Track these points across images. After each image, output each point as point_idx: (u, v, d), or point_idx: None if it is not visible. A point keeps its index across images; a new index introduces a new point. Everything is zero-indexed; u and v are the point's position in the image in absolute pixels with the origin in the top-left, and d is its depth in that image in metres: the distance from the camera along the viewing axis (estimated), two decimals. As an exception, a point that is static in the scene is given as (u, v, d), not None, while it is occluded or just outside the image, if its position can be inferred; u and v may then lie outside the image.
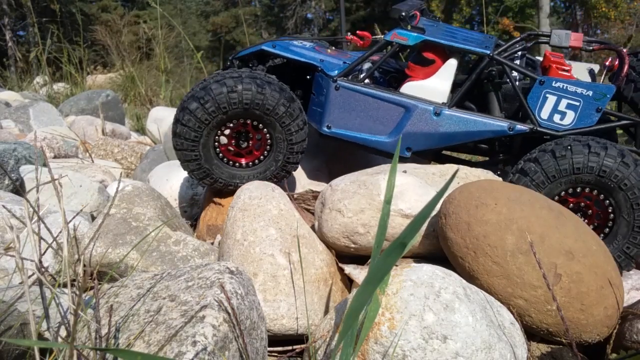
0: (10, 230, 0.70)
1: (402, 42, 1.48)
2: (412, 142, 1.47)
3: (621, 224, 1.25)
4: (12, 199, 1.55)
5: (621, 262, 1.25)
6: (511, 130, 1.40)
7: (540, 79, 1.38)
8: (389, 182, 0.69)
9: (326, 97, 1.52)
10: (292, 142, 1.47)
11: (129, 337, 0.76)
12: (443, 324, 0.80)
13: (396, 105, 1.46)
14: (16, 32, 11.99)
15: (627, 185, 1.22)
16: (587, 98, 1.35)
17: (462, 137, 1.43)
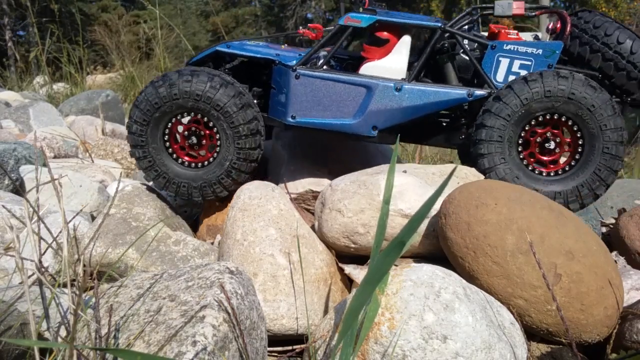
0: (10, 230, 0.70)
1: (355, 25, 1.50)
2: (377, 120, 1.47)
3: (589, 148, 1.31)
4: (12, 199, 1.55)
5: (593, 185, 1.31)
6: (470, 97, 1.43)
7: (492, 44, 1.43)
8: (388, 181, 0.69)
9: (287, 88, 1.51)
10: (239, 147, 1.43)
11: (129, 337, 0.75)
12: (443, 324, 0.80)
13: (357, 86, 1.47)
14: (16, 32, 11.99)
15: (594, 107, 1.28)
16: (537, 57, 1.40)
17: (424, 108, 1.45)
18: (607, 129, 1.30)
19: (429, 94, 1.44)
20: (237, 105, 1.41)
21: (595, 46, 1.43)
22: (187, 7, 18.86)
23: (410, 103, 1.45)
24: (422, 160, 2.76)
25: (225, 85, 1.42)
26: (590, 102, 1.29)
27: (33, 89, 4.60)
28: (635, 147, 3.39)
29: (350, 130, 1.50)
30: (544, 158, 1.37)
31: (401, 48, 1.51)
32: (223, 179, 1.46)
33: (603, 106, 1.29)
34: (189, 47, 4.17)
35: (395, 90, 1.45)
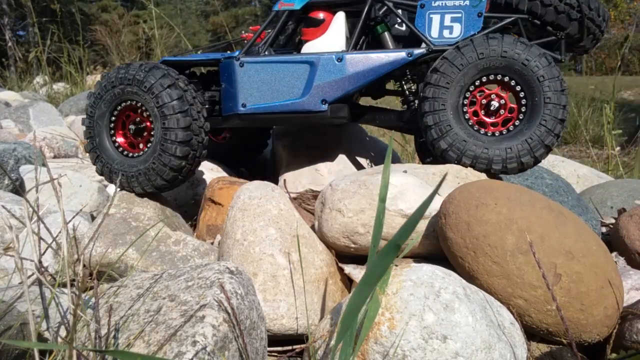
0: (9, 230, 0.70)
1: (289, 8, 1.56)
2: (324, 93, 1.50)
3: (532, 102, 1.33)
4: (11, 199, 1.55)
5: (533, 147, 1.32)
6: (410, 56, 1.46)
7: (421, 3, 1.48)
8: (383, 179, 0.68)
9: (234, 79, 1.55)
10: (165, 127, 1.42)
11: (128, 337, 0.75)
12: (443, 324, 0.80)
13: (301, 64, 1.51)
14: (16, 32, 11.99)
15: (528, 61, 1.31)
16: (466, 7, 1.44)
17: (368, 74, 1.48)
18: (544, 80, 1.31)
19: (370, 58, 1.47)
20: (164, 85, 1.43)
21: None
22: (187, 7, 18.86)
23: (353, 71, 1.48)
24: (422, 160, 2.75)
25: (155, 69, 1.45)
26: (540, 73, 1.31)
27: (33, 88, 4.60)
28: (635, 147, 3.39)
29: (302, 108, 1.52)
30: (490, 119, 1.39)
31: (336, 25, 1.57)
32: (155, 164, 1.44)
33: (536, 59, 1.31)
34: (189, 47, 4.17)
35: (337, 61, 1.48)
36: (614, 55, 15.95)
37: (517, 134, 1.35)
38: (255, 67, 1.54)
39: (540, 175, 1.54)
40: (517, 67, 1.32)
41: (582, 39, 1.47)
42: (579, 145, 4.12)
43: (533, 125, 1.33)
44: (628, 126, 4.17)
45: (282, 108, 1.53)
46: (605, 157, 3.26)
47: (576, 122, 4.16)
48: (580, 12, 1.42)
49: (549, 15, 1.43)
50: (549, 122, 1.32)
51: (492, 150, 1.36)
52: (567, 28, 1.44)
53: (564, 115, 1.33)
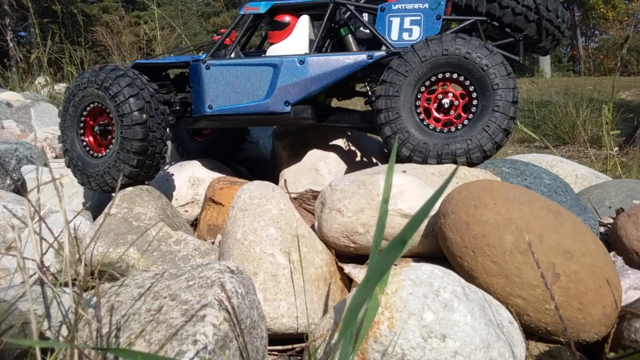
0: (11, 230, 0.71)
1: (254, 12, 1.62)
2: (287, 95, 1.54)
3: (481, 107, 1.36)
4: (13, 199, 1.56)
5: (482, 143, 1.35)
6: (370, 59, 1.49)
7: (381, 6, 1.50)
8: (387, 181, 0.69)
9: (201, 81, 1.60)
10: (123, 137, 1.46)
11: (130, 336, 0.76)
12: (442, 323, 0.80)
13: (265, 66, 1.55)
14: (17, 33, 12.00)
15: (487, 67, 1.34)
16: (425, 10, 1.48)
17: (329, 76, 1.51)
18: (499, 89, 1.34)
19: (331, 61, 1.51)
20: (126, 94, 1.46)
21: None
22: (188, 8, 18.88)
23: (315, 73, 1.52)
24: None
25: (123, 76, 1.48)
26: (484, 63, 1.34)
27: (34, 89, 4.61)
28: (633, 147, 3.39)
29: (265, 110, 1.56)
30: (440, 116, 1.42)
31: (300, 28, 1.61)
32: (110, 169, 1.49)
33: (497, 67, 1.34)
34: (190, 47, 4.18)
35: (299, 64, 1.52)
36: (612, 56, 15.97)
37: (462, 134, 1.38)
38: (221, 70, 1.58)
39: (538, 175, 1.55)
40: (460, 61, 1.35)
41: (541, 40, 1.49)
42: (578, 145, 4.12)
43: (477, 129, 1.36)
44: (626, 126, 4.17)
45: (246, 109, 1.57)
46: (603, 157, 3.27)
47: (574, 122, 4.17)
48: (538, 13, 1.43)
49: (507, 17, 1.45)
50: (492, 130, 1.35)
51: (453, 145, 1.38)
52: (525, 30, 1.45)
53: (509, 126, 1.35)
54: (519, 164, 1.62)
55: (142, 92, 1.48)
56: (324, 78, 1.51)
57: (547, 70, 14.80)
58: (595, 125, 4.09)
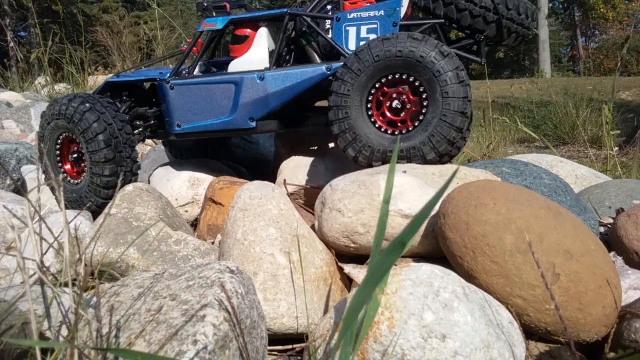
0: (11, 230, 0.71)
1: (212, 28, 1.62)
2: (250, 111, 1.54)
3: (430, 113, 1.33)
4: (13, 199, 1.56)
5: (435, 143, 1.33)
6: (329, 70, 1.47)
7: (337, 16, 1.49)
8: (388, 182, 0.69)
9: (167, 100, 1.62)
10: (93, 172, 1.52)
11: (129, 336, 0.76)
12: (442, 323, 0.80)
13: (227, 84, 1.56)
14: (17, 33, 12.00)
15: (440, 73, 1.30)
16: (381, 18, 1.45)
17: (290, 91, 1.51)
18: (448, 97, 1.31)
19: (291, 76, 1.50)
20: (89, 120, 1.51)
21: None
22: (187, 7, 18.89)
23: (275, 88, 1.52)
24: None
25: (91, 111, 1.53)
26: (436, 68, 1.30)
27: (34, 89, 4.61)
28: (633, 147, 3.39)
29: (231, 126, 1.58)
30: (392, 117, 1.41)
31: (259, 40, 1.61)
32: (89, 194, 1.57)
33: (449, 73, 1.30)
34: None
35: (259, 80, 1.53)
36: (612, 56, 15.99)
37: (409, 137, 1.36)
38: (185, 89, 1.59)
39: (538, 175, 1.55)
40: (414, 63, 1.32)
41: (504, 39, 1.46)
42: (578, 145, 4.12)
43: (423, 135, 1.34)
44: (626, 126, 4.18)
45: (213, 127, 1.59)
46: (603, 157, 3.27)
47: (574, 122, 4.17)
48: (497, 14, 1.40)
49: (465, 19, 1.42)
50: (435, 139, 1.32)
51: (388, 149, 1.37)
52: (485, 31, 1.43)
53: (453, 138, 1.33)
54: (519, 164, 1.62)
55: (102, 115, 1.52)
56: (284, 93, 1.51)
57: (547, 70, 14.81)
58: (595, 125, 4.09)
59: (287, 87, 1.50)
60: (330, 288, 1.14)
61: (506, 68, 23.09)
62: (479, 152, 3.15)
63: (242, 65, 1.60)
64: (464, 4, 1.41)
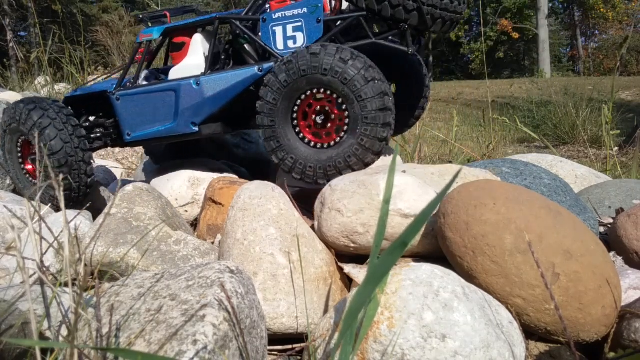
0: (11, 230, 0.71)
1: (149, 39, 1.69)
2: (191, 116, 1.59)
3: (352, 119, 1.35)
4: (13, 199, 1.56)
5: (359, 154, 1.36)
6: (261, 71, 1.50)
7: (263, 17, 1.50)
8: (388, 182, 0.69)
9: (116, 111, 1.69)
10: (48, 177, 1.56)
11: (129, 336, 0.76)
12: (442, 323, 0.80)
13: (166, 92, 1.61)
14: (17, 33, 12.00)
15: (347, 79, 1.31)
16: (305, 15, 1.46)
17: (225, 94, 1.54)
18: (362, 99, 1.32)
19: (224, 79, 1.53)
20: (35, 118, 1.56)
21: None
22: (187, 7, 18.83)
23: (211, 93, 1.55)
24: (421, 161, 2.77)
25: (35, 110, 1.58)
26: (343, 75, 1.32)
27: (34, 89, 4.60)
28: (633, 147, 3.39)
29: (176, 132, 1.62)
30: (317, 129, 1.43)
31: (195, 47, 1.66)
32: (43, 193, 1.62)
33: (356, 77, 1.31)
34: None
35: (195, 85, 1.56)
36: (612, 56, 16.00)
37: (339, 146, 1.38)
38: (129, 99, 1.65)
39: (538, 175, 1.55)
40: (338, 84, 1.33)
41: (429, 27, 1.44)
42: (577, 145, 4.13)
43: (352, 141, 1.36)
44: (626, 126, 4.18)
45: (159, 134, 1.66)
46: (603, 157, 3.27)
47: (574, 122, 4.17)
48: (417, 1, 1.39)
49: (385, 10, 1.41)
50: (367, 142, 1.34)
51: (322, 161, 1.39)
52: (408, 20, 1.41)
53: (382, 134, 1.34)
54: (519, 164, 1.62)
55: (55, 121, 1.56)
56: (221, 97, 1.54)
57: (547, 70, 14.81)
58: (595, 125, 4.09)
59: (222, 90, 1.53)
60: (330, 288, 1.15)
61: (506, 68, 23.09)
62: (479, 152, 3.15)
63: (180, 72, 1.64)
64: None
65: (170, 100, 1.59)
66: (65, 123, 1.57)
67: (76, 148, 1.57)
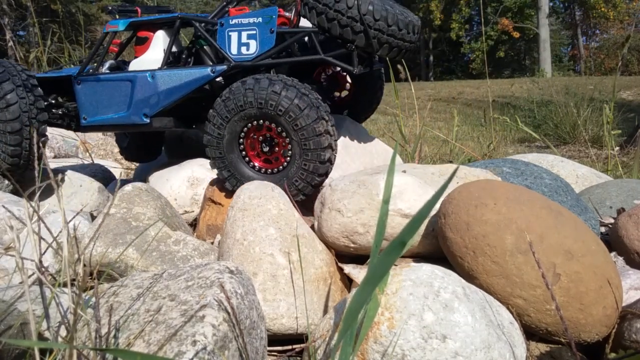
0: (10, 230, 0.70)
1: (114, 30, 1.74)
2: (144, 108, 1.64)
3: (294, 145, 1.41)
4: (11, 200, 1.55)
5: (306, 178, 1.42)
6: (214, 72, 1.56)
7: (220, 21, 1.57)
8: (388, 181, 0.69)
9: (76, 95, 1.74)
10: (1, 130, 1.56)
11: (128, 337, 0.76)
12: (442, 324, 0.80)
13: (124, 81, 1.67)
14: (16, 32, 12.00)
15: (282, 111, 1.37)
16: (259, 24, 1.53)
17: (177, 90, 1.60)
18: (299, 128, 1.38)
19: (177, 75, 1.59)
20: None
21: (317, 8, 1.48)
22: (187, 7, 18.89)
23: (164, 87, 1.61)
24: (421, 160, 2.77)
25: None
26: (278, 107, 1.38)
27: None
28: (634, 147, 3.39)
29: (128, 122, 1.67)
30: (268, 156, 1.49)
31: (157, 42, 1.73)
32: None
33: (291, 107, 1.37)
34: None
35: (150, 78, 1.62)
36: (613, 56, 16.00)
37: (285, 172, 1.44)
38: (89, 85, 1.71)
39: (539, 175, 1.55)
40: (274, 115, 1.39)
41: (375, 50, 1.48)
42: (578, 145, 4.12)
43: (297, 166, 1.42)
44: (627, 126, 4.17)
45: (112, 121, 1.69)
46: (604, 157, 3.26)
47: (575, 122, 4.16)
48: (363, 24, 1.42)
49: (334, 29, 1.46)
50: (310, 166, 1.40)
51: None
52: (355, 41, 1.46)
53: (323, 157, 1.40)
54: (520, 164, 1.62)
55: (14, 77, 1.58)
56: (173, 92, 1.60)
57: (547, 69, 14.80)
58: (596, 125, 4.08)
59: (175, 86, 1.59)
60: (330, 288, 1.14)
61: (507, 67, 23.08)
62: (480, 152, 3.15)
63: (139, 64, 1.71)
64: (333, 14, 1.44)
65: (126, 89, 1.65)
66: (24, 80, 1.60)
67: (31, 105, 1.61)
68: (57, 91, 1.86)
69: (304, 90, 1.40)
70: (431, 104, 6.28)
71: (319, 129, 1.37)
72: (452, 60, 25.23)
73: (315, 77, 2.01)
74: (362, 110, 2.02)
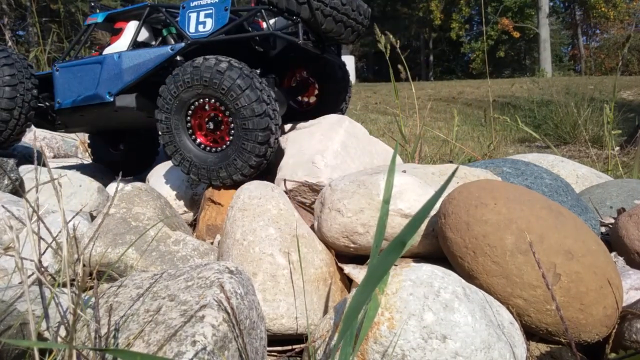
0: (9, 230, 0.70)
1: (94, 22, 1.91)
2: (109, 86, 1.76)
3: (236, 125, 1.48)
4: (10, 200, 1.55)
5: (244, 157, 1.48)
6: (173, 50, 1.66)
7: (182, 4, 1.69)
8: (388, 182, 0.69)
9: (54, 82, 1.88)
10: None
11: (128, 337, 0.76)
12: (442, 324, 0.80)
13: (93, 64, 1.82)
14: (16, 32, 11.99)
15: (225, 89, 1.45)
16: (216, 4, 1.64)
17: (141, 68, 1.72)
18: (239, 107, 1.44)
19: (140, 54, 1.72)
20: None
21: None
22: (187, 7, 18.90)
23: (128, 65, 1.73)
24: (421, 160, 2.76)
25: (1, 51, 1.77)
26: (221, 86, 1.45)
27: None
28: (635, 147, 3.38)
29: (94, 100, 1.80)
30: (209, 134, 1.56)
31: (128, 31, 1.89)
32: None
33: (233, 87, 1.44)
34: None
35: (116, 58, 1.76)
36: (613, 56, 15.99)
37: (227, 151, 1.51)
38: (65, 70, 1.85)
39: (539, 175, 1.54)
40: (218, 93, 1.46)
41: (320, 23, 1.57)
42: (579, 145, 4.12)
43: (237, 146, 1.48)
44: (627, 126, 4.17)
45: (81, 102, 1.83)
46: (604, 157, 3.26)
47: (576, 122, 4.16)
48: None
49: (281, 2, 1.56)
50: (248, 146, 1.46)
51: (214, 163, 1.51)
52: (300, 12, 1.56)
53: (262, 139, 1.46)
54: (520, 164, 1.62)
55: (17, 63, 1.79)
56: (136, 69, 1.71)
57: (548, 69, 14.80)
58: (597, 124, 4.08)
59: (137, 64, 1.71)
60: (330, 288, 1.14)
61: (507, 67, 23.07)
62: (480, 152, 3.15)
63: (110, 51, 1.85)
64: None
65: (95, 71, 1.79)
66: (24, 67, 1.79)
67: (27, 90, 1.80)
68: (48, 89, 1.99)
69: (248, 73, 1.47)
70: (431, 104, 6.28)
71: (258, 110, 1.43)
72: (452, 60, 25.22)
73: (286, 83, 2.12)
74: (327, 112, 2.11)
